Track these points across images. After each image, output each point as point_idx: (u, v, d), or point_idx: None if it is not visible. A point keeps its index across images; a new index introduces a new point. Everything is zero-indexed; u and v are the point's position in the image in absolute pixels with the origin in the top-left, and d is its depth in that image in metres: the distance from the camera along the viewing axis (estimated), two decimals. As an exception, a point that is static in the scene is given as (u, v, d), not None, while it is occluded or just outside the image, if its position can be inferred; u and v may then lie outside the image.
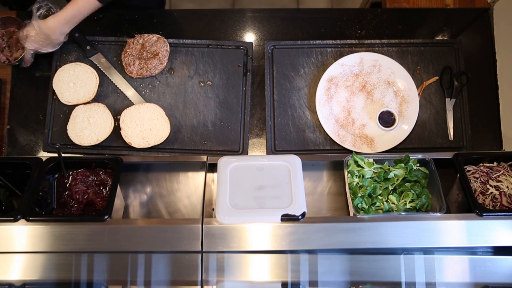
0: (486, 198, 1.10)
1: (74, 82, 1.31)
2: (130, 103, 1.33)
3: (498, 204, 1.09)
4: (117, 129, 1.29)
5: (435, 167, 1.12)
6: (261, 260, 1.05)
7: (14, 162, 1.16)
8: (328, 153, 1.30)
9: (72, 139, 1.27)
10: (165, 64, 1.35)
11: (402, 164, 1.14)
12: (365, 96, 1.34)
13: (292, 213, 1.02)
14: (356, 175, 1.14)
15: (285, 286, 1.05)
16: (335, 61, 1.36)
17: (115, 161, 1.12)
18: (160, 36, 1.35)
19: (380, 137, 1.31)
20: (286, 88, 1.36)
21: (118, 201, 1.12)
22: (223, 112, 1.33)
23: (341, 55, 1.38)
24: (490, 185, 1.11)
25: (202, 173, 1.19)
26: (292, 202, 1.05)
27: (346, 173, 1.15)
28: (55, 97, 1.32)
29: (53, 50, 1.30)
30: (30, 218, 1.01)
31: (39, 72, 1.36)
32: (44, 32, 1.22)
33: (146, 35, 1.35)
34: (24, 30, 1.25)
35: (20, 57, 1.30)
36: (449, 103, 1.34)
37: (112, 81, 1.34)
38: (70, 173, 1.12)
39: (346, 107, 1.34)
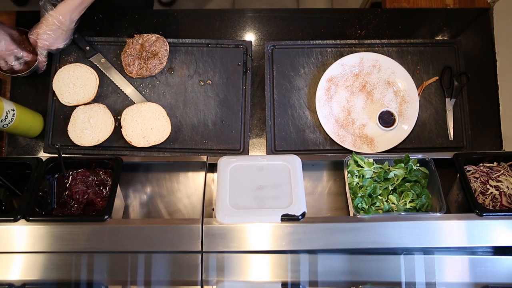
0: (486, 198, 1.10)
1: (74, 83, 1.31)
2: (131, 103, 1.33)
3: (498, 204, 1.09)
4: (117, 129, 1.29)
5: (435, 167, 1.12)
6: (261, 260, 1.05)
7: (14, 162, 1.16)
8: (328, 153, 1.30)
9: (72, 140, 1.26)
10: (164, 63, 1.35)
11: (402, 164, 1.15)
12: (365, 96, 1.34)
13: (292, 213, 1.02)
14: (356, 175, 1.14)
15: (285, 286, 1.05)
16: (335, 61, 1.36)
17: (115, 161, 1.12)
18: (159, 36, 1.35)
19: (380, 137, 1.31)
20: (286, 88, 1.36)
21: (118, 201, 1.12)
22: (224, 111, 1.33)
23: (341, 55, 1.38)
24: (490, 185, 1.11)
25: (202, 173, 1.19)
26: (292, 202, 1.05)
27: (346, 173, 1.15)
28: (55, 98, 1.32)
29: (63, 45, 1.30)
30: (30, 218, 1.01)
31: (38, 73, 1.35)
32: (55, 19, 1.21)
33: (145, 35, 1.35)
34: (34, 27, 1.24)
35: (33, 67, 1.29)
36: (449, 103, 1.34)
37: (112, 82, 1.34)
38: (70, 173, 1.12)
39: (346, 107, 1.34)
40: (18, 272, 1.02)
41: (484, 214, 1.03)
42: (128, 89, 1.34)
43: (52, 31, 1.23)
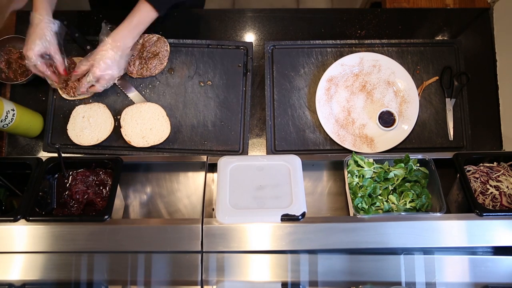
0: (486, 198, 1.10)
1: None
2: (130, 103, 1.33)
3: (498, 204, 1.09)
4: (117, 129, 1.29)
5: (435, 167, 1.12)
6: (261, 260, 1.05)
7: (14, 162, 1.16)
8: (328, 153, 1.30)
9: (72, 139, 1.27)
10: (165, 64, 1.35)
11: (402, 164, 1.15)
12: (365, 96, 1.34)
13: (292, 213, 1.02)
14: (356, 175, 1.14)
15: (285, 286, 1.05)
16: (335, 61, 1.36)
17: (115, 161, 1.12)
18: (160, 36, 1.35)
19: (380, 137, 1.31)
20: (286, 88, 1.36)
21: (118, 201, 1.12)
22: (223, 112, 1.33)
23: (341, 55, 1.38)
24: (490, 185, 1.11)
25: (202, 173, 1.19)
26: (292, 202, 1.05)
27: (346, 173, 1.15)
28: (55, 97, 1.32)
29: (116, 78, 1.26)
30: (30, 218, 1.01)
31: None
32: (113, 46, 1.18)
33: (146, 35, 1.35)
34: (87, 58, 1.20)
35: (30, 75, 1.29)
36: (449, 103, 1.34)
37: (112, 81, 1.35)
38: (70, 173, 1.12)
39: (346, 107, 1.34)
40: (18, 272, 1.02)
41: (484, 214, 1.03)
42: (128, 89, 1.34)
43: (114, 58, 1.19)
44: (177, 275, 1.03)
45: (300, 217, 1.02)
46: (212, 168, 1.19)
